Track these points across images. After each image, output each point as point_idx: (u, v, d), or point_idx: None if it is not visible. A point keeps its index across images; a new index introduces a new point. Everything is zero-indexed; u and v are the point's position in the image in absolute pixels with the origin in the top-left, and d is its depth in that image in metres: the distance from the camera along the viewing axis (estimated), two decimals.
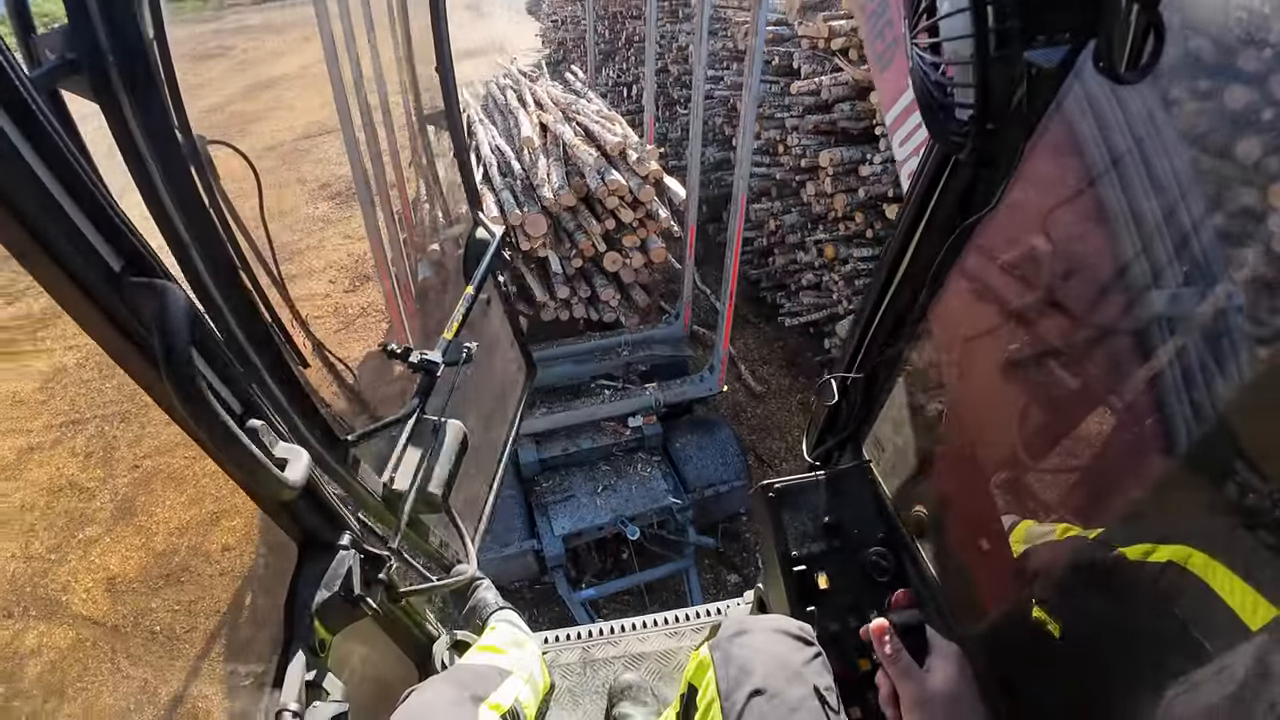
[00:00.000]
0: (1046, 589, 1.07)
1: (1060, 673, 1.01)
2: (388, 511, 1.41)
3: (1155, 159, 0.87)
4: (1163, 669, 0.84)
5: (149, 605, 3.63)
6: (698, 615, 2.13)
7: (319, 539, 1.24)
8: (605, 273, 4.22)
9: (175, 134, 0.82)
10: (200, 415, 0.75)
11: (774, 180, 4.96)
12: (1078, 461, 1.08)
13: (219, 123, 9.11)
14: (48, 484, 4.37)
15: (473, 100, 5.46)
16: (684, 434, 4.04)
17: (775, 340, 5.29)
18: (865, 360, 1.39)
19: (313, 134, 8.63)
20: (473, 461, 1.86)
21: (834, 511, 1.38)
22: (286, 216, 7.06)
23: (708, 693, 1.08)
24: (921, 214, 1.14)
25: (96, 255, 0.72)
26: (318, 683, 1.17)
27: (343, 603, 1.26)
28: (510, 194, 3.95)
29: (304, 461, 0.99)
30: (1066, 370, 1.03)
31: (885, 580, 1.31)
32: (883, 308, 1.30)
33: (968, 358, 1.23)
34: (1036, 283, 1.10)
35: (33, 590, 3.74)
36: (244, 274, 1.00)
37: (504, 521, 3.62)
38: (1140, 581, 0.87)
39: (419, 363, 1.45)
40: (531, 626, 3.62)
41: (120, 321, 0.75)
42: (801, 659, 1.06)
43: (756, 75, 2.90)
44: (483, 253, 1.64)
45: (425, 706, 1.20)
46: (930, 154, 1.08)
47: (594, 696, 1.91)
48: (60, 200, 0.69)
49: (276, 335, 1.08)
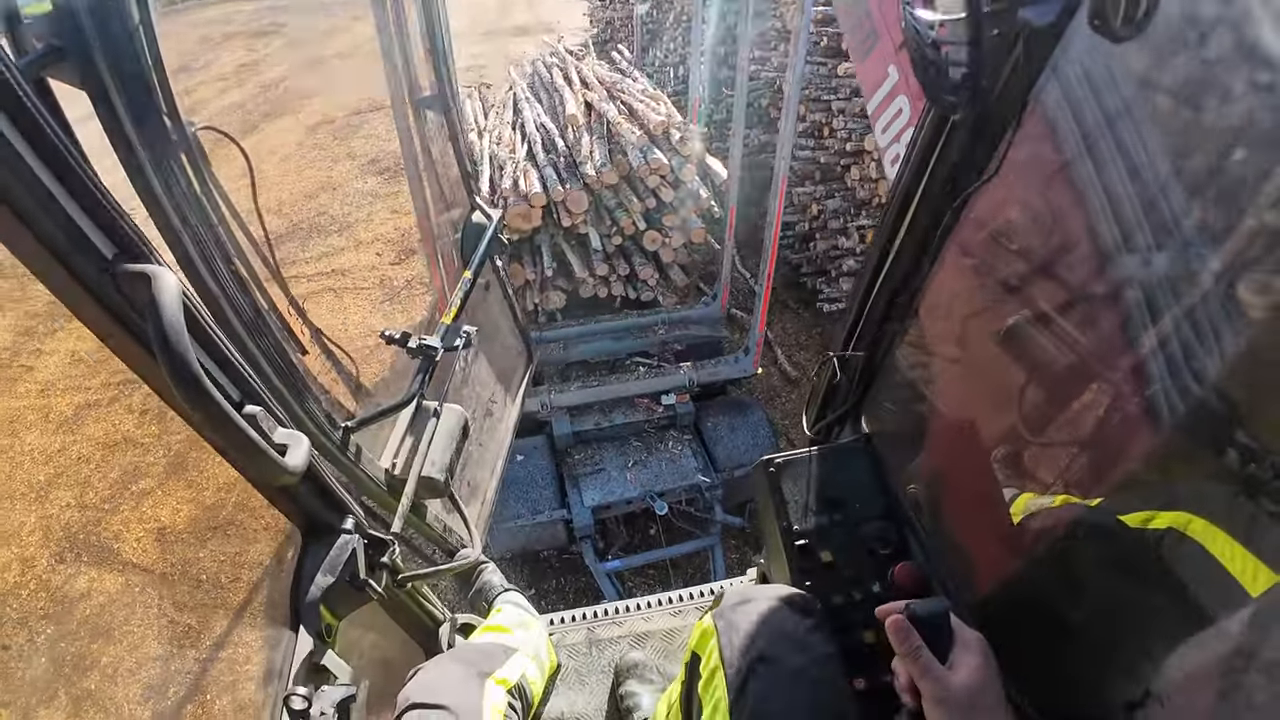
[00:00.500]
0: (1046, 556, 1.07)
1: (1060, 639, 1.01)
2: (390, 497, 1.42)
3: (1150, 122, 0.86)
4: (1162, 634, 0.85)
5: (196, 555, 3.78)
6: (701, 595, 2.14)
7: (322, 524, 1.25)
8: (644, 251, 4.26)
9: (163, 120, 0.82)
10: (197, 400, 0.75)
11: (818, 164, 4.86)
12: (1077, 433, 1.08)
13: (275, 98, 9.30)
14: (104, 439, 4.52)
15: (519, 78, 5.43)
16: (716, 414, 4.07)
17: (814, 326, 5.24)
18: (863, 334, 1.38)
19: (363, 110, 8.71)
20: (475, 447, 1.87)
21: (835, 485, 1.38)
22: (337, 190, 7.20)
23: (711, 660, 1.09)
24: (918, 182, 1.11)
25: (88, 242, 0.72)
26: (324, 666, 1.18)
27: (347, 587, 1.27)
28: (553, 170, 3.98)
29: (304, 447, 1.00)
30: (1065, 340, 1.02)
31: (887, 553, 1.31)
32: (880, 280, 1.29)
33: (965, 330, 1.22)
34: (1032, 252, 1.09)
35: (86, 538, 3.90)
36: (238, 261, 0.99)
37: (536, 490, 3.69)
38: (1140, 548, 0.87)
39: (418, 348, 1.45)
40: (555, 596, 3.75)
41: (113, 308, 0.75)
42: (804, 628, 1.07)
43: (802, 56, 2.85)
44: (479, 236, 1.63)
45: (432, 682, 1.21)
46: (926, 118, 1.06)
47: (600, 675, 1.92)
48: (50, 188, 0.69)
49: (273, 322, 1.08)
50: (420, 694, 1.17)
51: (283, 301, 1.21)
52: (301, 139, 8.22)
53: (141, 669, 3.31)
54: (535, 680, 1.54)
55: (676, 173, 3.85)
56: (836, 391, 1.52)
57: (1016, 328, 1.09)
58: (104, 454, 4.42)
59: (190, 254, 0.91)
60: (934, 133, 1.04)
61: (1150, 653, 0.86)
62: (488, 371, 2.02)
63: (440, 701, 1.15)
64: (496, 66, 9.62)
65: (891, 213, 1.20)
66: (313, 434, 1.15)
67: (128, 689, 3.24)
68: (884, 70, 2.50)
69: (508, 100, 5.12)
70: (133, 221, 0.75)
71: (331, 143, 8.15)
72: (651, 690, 1.77)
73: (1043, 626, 1.07)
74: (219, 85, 9.72)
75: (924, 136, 1.06)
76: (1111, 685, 0.91)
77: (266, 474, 0.92)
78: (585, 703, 1.86)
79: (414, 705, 1.15)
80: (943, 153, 1.04)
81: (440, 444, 1.48)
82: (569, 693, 1.89)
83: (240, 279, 1.01)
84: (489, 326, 2.05)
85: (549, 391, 3.87)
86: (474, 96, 5.78)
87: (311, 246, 6.28)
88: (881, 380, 1.43)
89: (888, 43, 2.47)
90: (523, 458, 3.82)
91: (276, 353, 1.08)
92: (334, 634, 1.25)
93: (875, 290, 1.31)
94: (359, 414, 1.33)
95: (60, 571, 3.74)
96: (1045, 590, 1.08)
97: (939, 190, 1.09)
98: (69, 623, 3.50)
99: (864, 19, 2.61)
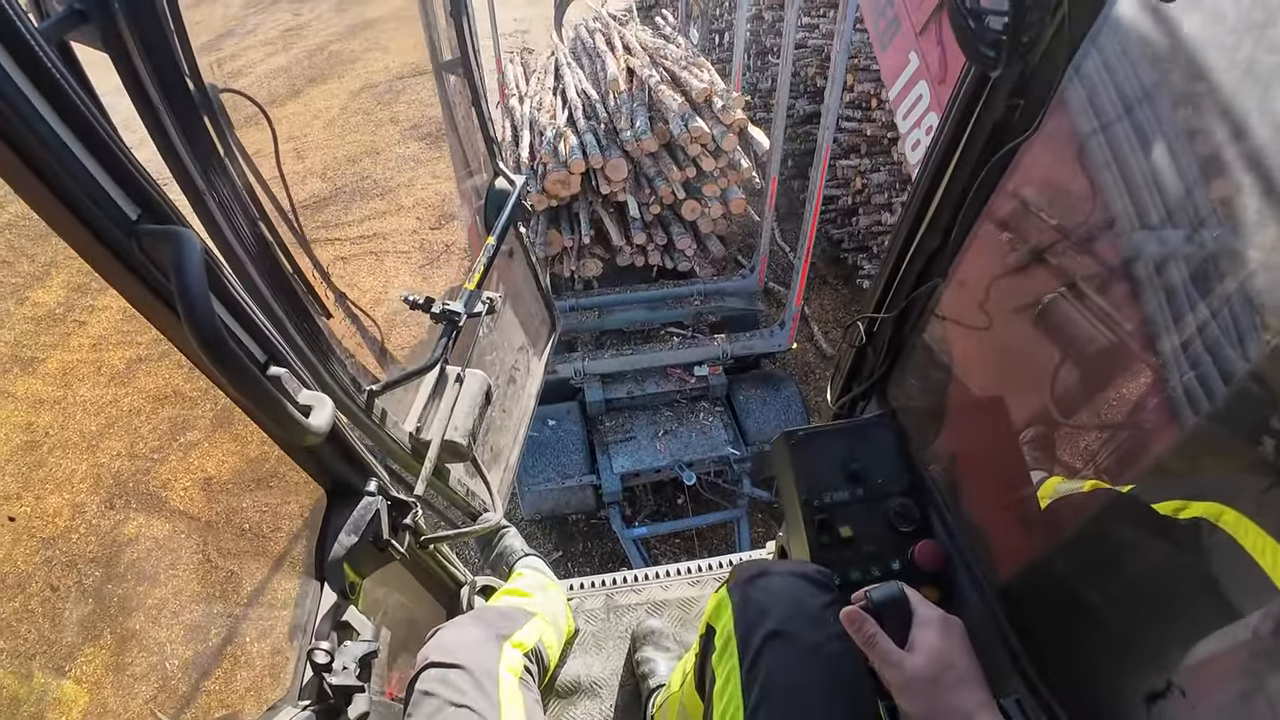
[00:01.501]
0: (1073, 540, 1.05)
1: (1083, 624, 0.99)
2: (414, 460, 1.44)
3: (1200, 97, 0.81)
4: (1187, 625, 0.83)
5: (240, 505, 3.95)
6: (721, 565, 2.15)
7: (347, 485, 1.27)
8: (683, 221, 4.22)
9: (186, 82, 0.82)
10: (222, 360, 0.77)
11: (864, 136, 4.73)
12: (1110, 417, 1.04)
13: (319, 62, 9.30)
14: (154, 392, 4.69)
15: (561, 44, 5.38)
16: (749, 387, 4.08)
17: (852, 303, 5.16)
18: (893, 301, 1.34)
19: (407, 75, 8.74)
20: (499, 412, 1.89)
21: (858, 461, 1.36)
22: (380, 155, 7.22)
23: (725, 632, 1.09)
24: (956, 143, 1.06)
25: (112, 204, 0.73)
26: (347, 623, 1.22)
27: (370, 548, 1.30)
28: (593, 137, 3.94)
29: (328, 409, 1.01)
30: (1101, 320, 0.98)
31: (908, 531, 1.29)
32: (914, 245, 1.24)
33: (998, 304, 1.18)
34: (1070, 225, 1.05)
35: (135, 486, 4.07)
36: (262, 223, 1.01)
37: (567, 455, 3.76)
38: (1169, 536, 0.84)
39: (441, 313, 1.45)
40: (582, 559, 3.82)
41: (137, 269, 0.77)
42: (820, 603, 1.06)
43: (850, 23, 2.77)
44: (503, 203, 1.63)
45: (452, 643, 1.24)
46: (966, 77, 1.00)
47: (617, 641, 1.95)
48: (74, 149, 0.70)
49: (298, 284, 1.09)
50: (439, 653, 1.20)
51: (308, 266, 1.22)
52: (345, 103, 8.25)
53: (184, 611, 3.47)
54: (552, 644, 1.56)
55: (718, 141, 3.78)
56: (862, 364, 1.48)
57: (1051, 304, 1.05)
58: (153, 406, 4.57)
59: (214, 216, 0.92)
60: (973, 92, 0.99)
61: (1174, 643, 0.84)
62: (511, 338, 2.03)
63: (458, 661, 1.18)
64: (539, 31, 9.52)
65: (928, 174, 1.15)
66: (337, 396, 1.17)
67: (170, 630, 3.40)
68: (905, 57, 2.49)
69: (549, 65, 5.06)
70: (156, 182, 0.76)
71: (375, 107, 8.16)
72: (667, 658, 1.79)
73: (1066, 610, 1.05)
74: (265, 50, 9.77)
75: (963, 95, 1.01)
76: (1133, 673, 0.90)
77: (290, 434, 0.94)
78: (601, 667, 1.89)
79: (433, 664, 1.18)
80: (982, 113, 0.99)
81: (464, 409, 1.50)
82: (585, 657, 1.92)
83: (265, 241, 1.02)
84: (513, 293, 2.05)
85: (583, 358, 3.90)
86: (515, 61, 5.73)
87: (354, 210, 6.34)
88: (909, 353, 1.39)
89: (909, 29, 2.45)
90: (554, 423, 3.86)
91: (301, 315, 1.09)
92: (357, 592, 1.29)
93: (909, 255, 1.26)
94: (384, 378, 1.35)
95: (109, 517, 3.90)
96: (1071, 574, 1.05)
97: (977, 151, 1.04)
98: (116, 566, 3.67)
99: (886, 7, 2.59)
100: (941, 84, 2.30)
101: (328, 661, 1.12)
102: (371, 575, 1.35)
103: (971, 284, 1.20)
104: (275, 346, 0.99)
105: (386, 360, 1.67)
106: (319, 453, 1.17)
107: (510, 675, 1.25)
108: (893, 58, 2.58)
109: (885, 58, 2.66)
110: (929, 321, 1.32)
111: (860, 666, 1.04)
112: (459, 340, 1.49)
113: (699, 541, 3.85)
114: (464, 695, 1.14)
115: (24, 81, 0.66)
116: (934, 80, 2.34)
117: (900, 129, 2.63)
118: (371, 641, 1.23)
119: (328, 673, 1.12)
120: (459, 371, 1.52)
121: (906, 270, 1.28)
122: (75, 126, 0.70)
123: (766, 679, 0.99)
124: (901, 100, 2.56)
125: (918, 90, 2.45)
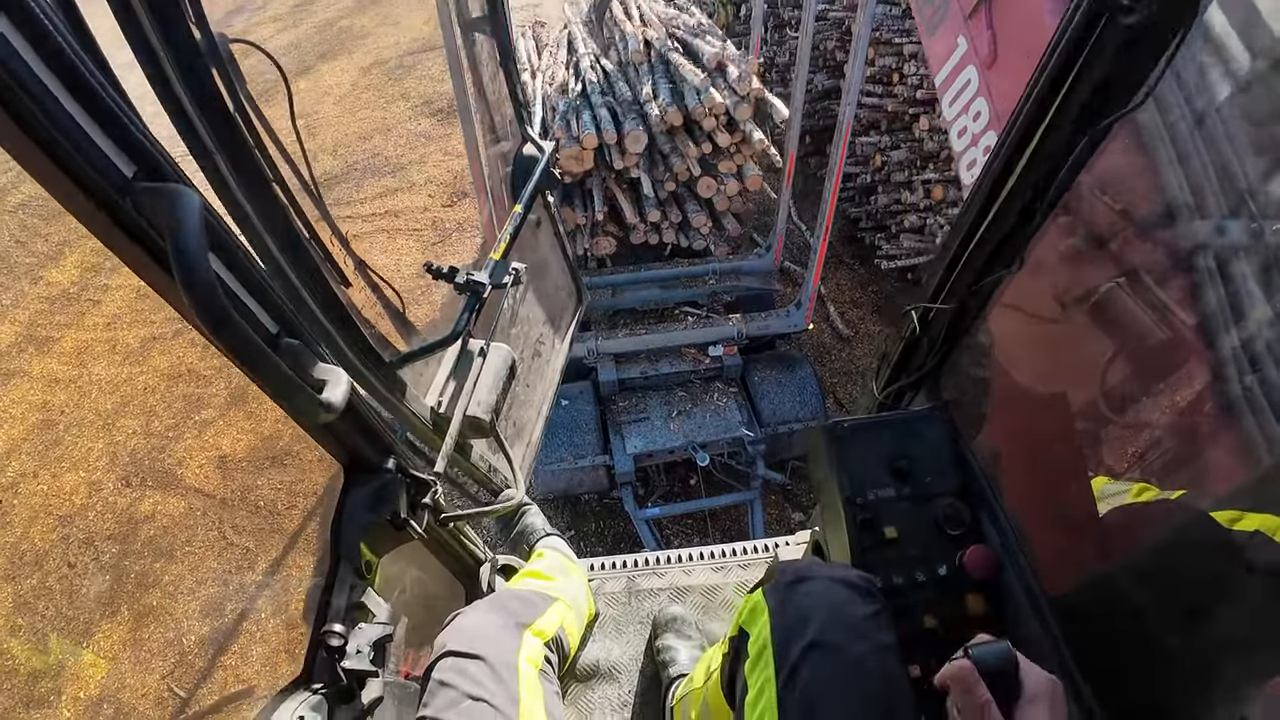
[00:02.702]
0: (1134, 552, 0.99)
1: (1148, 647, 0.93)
2: (435, 435, 1.39)
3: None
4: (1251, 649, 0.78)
5: (254, 483, 3.99)
6: (744, 552, 2.09)
7: (364, 462, 1.23)
8: (698, 198, 4.14)
9: (191, 30, 0.76)
10: (222, 331, 0.71)
11: (885, 112, 4.56)
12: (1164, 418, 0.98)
13: (330, 38, 9.25)
14: (168, 370, 4.72)
15: (574, 15, 5.28)
16: (764, 368, 4.01)
17: (869, 284, 5.09)
18: (954, 289, 1.24)
19: (417, 50, 8.69)
20: (522, 387, 1.83)
21: (906, 456, 1.28)
22: (391, 131, 7.18)
23: (760, 639, 1.03)
24: (1047, 107, 0.94)
25: (105, 160, 0.67)
26: (363, 604, 1.18)
27: (388, 526, 1.26)
28: (607, 111, 3.86)
29: (343, 384, 0.96)
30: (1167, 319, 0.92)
31: (958, 534, 1.22)
32: (983, 227, 1.12)
33: (1075, 295, 1.09)
34: (1148, 216, 0.97)
35: (150, 463, 4.12)
36: (276, 185, 0.94)
37: (580, 434, 3.73)
38: (1226, 548, 0.79)
39: (465, 283, 1.39)
40: (594, 539, 3.80)
41: (132, 229, 0.71)
42: (863, 613, 0.99)
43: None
44: (531, 170, 1.56)
45: (470, 630, 1.20)
46: (1061, 39, 0.88)
47: (638, 626, 1.91)
48: (62, 101, 0.64)
49: (314, 250, 1.03)
50: (457, 642, 1.16)
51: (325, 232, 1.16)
52: (356, 80, 8.20)
53: (201, 588, 3.51)
54: (573, 630, 1.52)
55: (732, 111, 3.68)
56: (913, 353, 1.39)
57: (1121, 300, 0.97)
58: (168, 385, 4.60)
59: (224, 176, 0.86)
60: (1068, 56, 0.88)
61: (1247, 673, 0.78)
62: (536, 311, 1.97)
63: (476, 651, 1.14)
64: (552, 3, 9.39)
65: (1002, 156, 1.04)
66: (355, 369, 1.11)
67: (187, 606, 3.44)
68: (953, 41, 2.41)
69: (561, 39, 4.96)
70: (154, 138, 0.70)
71: (386, 83, 8.13)
72: (689, 646, 1.75)
73: (1127, 629, 0.98)
74: (275, 25, 9.73)
75: (1055, 61, 0.89)
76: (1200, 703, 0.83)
77: (301, 411, 0.88)
78: (621, 652, 1.85)
79: (450, 653, 1.14)
80: (1083, 70, 0.87)
81: (486, 383, 1.45)
82: (606, 641, 1.88)
83: (279, 204, 0.95)
84: (538, 265, 1.99)
85: (596, 337, 3.85)
86: (527, 35, 5.63)
87: (366, 188, 6.33)
88: (967, 344, 1.30)
89: (958, 13, 2.36)
90: (567, 402, 3.83)
91: (318, 284, 1.03)
92: (374, 571, 1.25)
93: (980, 233, 1.14)
94: (404, 350, 1.30)
95: (126, 495, 3.94)
96: (1132, 590, 0.98)
97: (1075, 114, 0.91)
98: (133, 543, 3.71)
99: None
100: (990, 68, 2.22)
101: (341, 645, 1.09)
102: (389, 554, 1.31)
103: (1047, 273, 1.10)
104: (289, 316, 0.93)
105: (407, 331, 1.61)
106: (335, 428, 1.12)
107: (530, 667, 1.21)
108: (940, 43, 2.51)
109: (931, 43, 2.59)
110: (993, 311, 1.22)
111: (905, 685, 0.97)
112: (483, 312, 1.43)
113: (712, 523, 3.84)
114: (482, 688, 1.09)
115: (10, 29, 0.60)
116: (983, 65, 2.27)
117: (946, 116, 2.55)
118: (386, 625, 1.20)
119: (341, 656, 1.09)
120: (482, 345, 1.46)
121: (971, 257, 1.18)
122: (63, 76, 0.64)
123: (804, 694, 0.93)
124: (948, 86, 2.48)
125: (965, 75, 2.37)
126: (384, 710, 1.19)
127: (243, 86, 0.89)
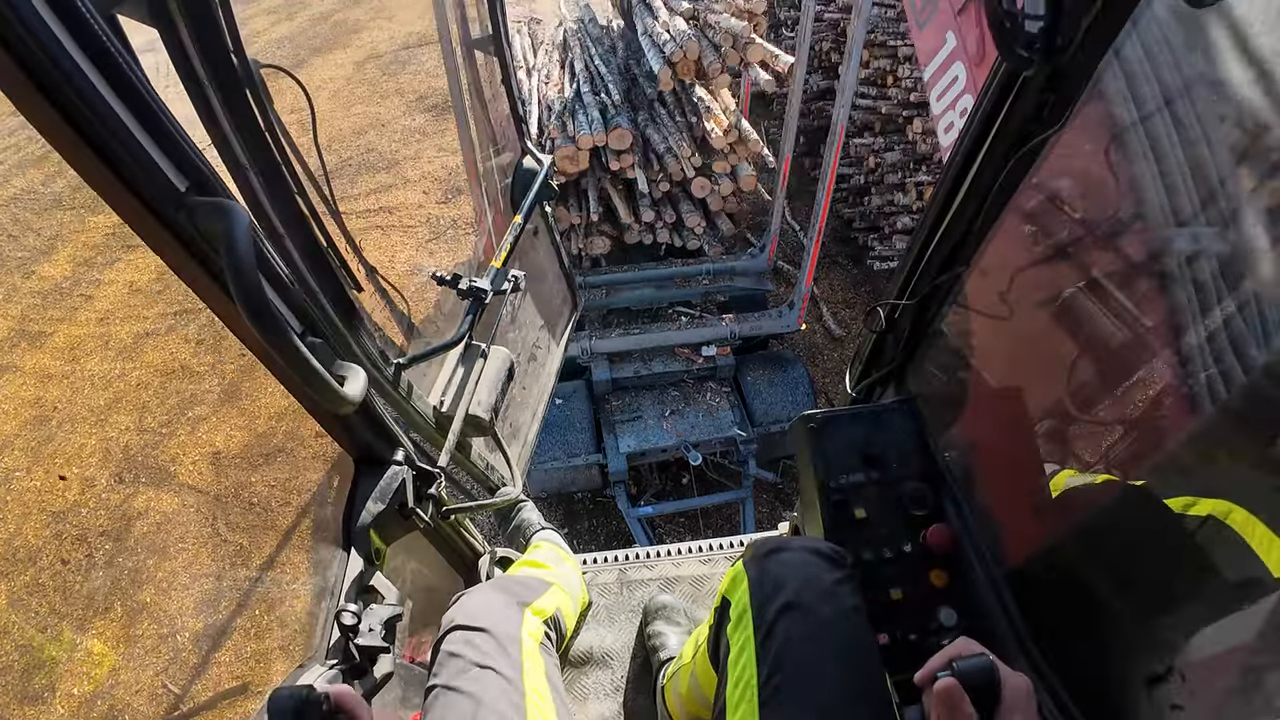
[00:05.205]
0: (1083, 529, 1.08)
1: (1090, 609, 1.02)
2: (437, 433, 1.47)
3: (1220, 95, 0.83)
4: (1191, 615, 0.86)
5: (248, 479, 3.98)
6: (731, 545, 2.19)
7: (374, 455, 1.30)
8: (692, 198, 4.17)
9: (231, 57, 0.84)
10: (269, 331, 0.79)
11: (879, 114, 4.65)
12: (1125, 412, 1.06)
13: (324, 32, 9.22)
14: (161, 366, 4.71)
15: (569, 14, 5.31)
16: (756, 368, 4.07)
17: (862, 284, 5.15)
18: (917, 287, 1.35)
19: (412, 45, 8.66)
20: (519, 389, 1.91)
21: (875, 445, 1.39)
22: (386, 127, 7.17)
23: (740, 604, 1.12)
24: (986, 133, 1.07)
25: (162, 176, 0.74)
26: (373, 587, 1.25)
27: (396, 515, 1.33)
28: (599, 113, 3.90)
29: (361, 379, 1.03)
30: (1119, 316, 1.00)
31: (921, 515, 1.32)
32: (940, 232, 1.25)
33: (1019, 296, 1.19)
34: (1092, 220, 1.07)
35: (144, 460, 4.11)
36: (300, 198, 1.02)
37: (573, 434, 3.77)
38: (1178, 531, 0.87)
39: (468, 289, 1.48)
40: (587, 537, 3.85)
41: (185, 240, 0.79)
42: (833, 579, 1.09)
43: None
44: (530, 182, 1.64)
45: (476, 607, 1.27)
46: (998, 71, 1.01)
47: (629, 615, 1.99)
48: (128, 124, 0.71)
49: (333, 258, 1.11)
50: (464, 617, 1.23)
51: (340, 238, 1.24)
52: (350, 74, 8.17)
53: (194, 584, 3.52)
54: (569, 614, 1.60)
55: None
56: (882, 349, 1.50)
57: (1071, 297, 1.07)
58: (161, 381, 4.60)
59: (255, 189, 0.94)
60: (1004, 85, 1.00)
61: (1178, 630, 0.87)
62: (533, 316, 2.05)
63: (481, 625, 1.22)
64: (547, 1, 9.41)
65: (956, 164, 1.16)
66: (367, 368, 1.19)
67: (181, 602, 3.45)
68: (942, 37, 2.45)
69: (557, 37, 5.00)
70: (204, 156, 0.77)
71: (380, 78, 8.08)
72: (678, 632, 1.83)
73: (1072, 596, 1.08)
74: (269, 19, 9.67)
75: (994, 88, 1.02)
76: (1135, 657, 0.92)
77: (328, 401, 0.96)
78: (613, 639, 1.93)
79: (458, 626, 1.21)
80: (1012, 107, 1.00)
81: (486, 384, 1.52)
82: (598, 628, 1.96)
83: (301, 215, 1.03)
84: (536, 271, 2.07)
85: (590, 337, 3.89)
86: (523, 33, 5.67)
87: (360, 183, 6.30)
88: (930, 340, 1.41)
89: (947, 8, 2.41)
90: (561, 401, 3.87)
91: (335, 288, 1.11)
92: (382, 558, 1.32)
93: (934, 243, 1.27)
94: (409, 352, 1.37)
95: (119, 491, 3.94)
96: (1078, 562, 1.08)
97: (1006, 143, 1.05)
98: (127, 539, 3.71)
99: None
100: (979, 65, 2.27)
101: (355, 623, 1.15)
102: (393, 546, 1.38)
103: (994, 274, 1.22)
104: (312, 318, 1.01)
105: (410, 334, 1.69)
106: (350, 422, 1.20)
107: (531, 639, 1.28)
108: (929, 37, 2.54)
109: (921, 37, 2.62)
110: (951, 310, 1.33)
111: (871, 641, 1.07)
112: (483, 317, 1.51)
113: (703, 521, 3.88)
114: (488, 656, 1.17)
115: (79, 54, 0.68)
116: (971, 61, 2.31)
117: (933, 111, 2.59)
118: (396, 605, 1.27)
119: (354, 634, 1.15)
120: (483, 347, 1.54)
121: (930, 258, 1.29)
122: (128, 101, 0.71)
123: (780, 649, 1.03)
124: (936, 81, 2.52)
125: (953, 71, 2.41)
126: (390, 689, 1.26)
127: (272, 107, 0.96)
